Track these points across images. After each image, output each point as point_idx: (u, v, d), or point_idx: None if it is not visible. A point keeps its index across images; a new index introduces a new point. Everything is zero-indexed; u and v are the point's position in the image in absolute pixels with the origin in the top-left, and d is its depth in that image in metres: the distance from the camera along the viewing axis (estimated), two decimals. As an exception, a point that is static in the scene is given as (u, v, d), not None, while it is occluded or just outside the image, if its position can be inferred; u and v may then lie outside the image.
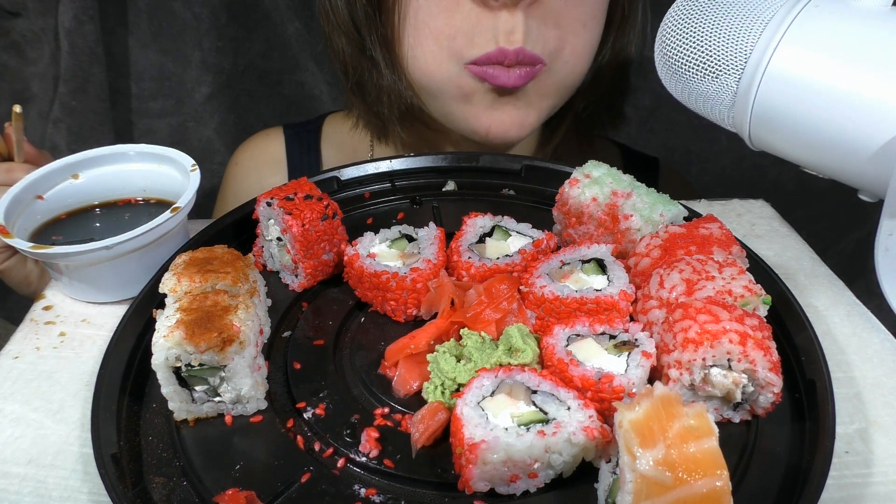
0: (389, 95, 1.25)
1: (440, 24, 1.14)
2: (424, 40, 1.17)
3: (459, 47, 1.14)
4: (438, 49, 1.16)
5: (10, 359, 0.91)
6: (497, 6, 1.10)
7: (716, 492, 0.59)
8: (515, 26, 1.11)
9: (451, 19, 1.13)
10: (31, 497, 0.74)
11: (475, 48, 1.13)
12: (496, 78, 1.15)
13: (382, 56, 1.22)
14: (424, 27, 1.15)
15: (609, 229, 0.94)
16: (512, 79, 1.15)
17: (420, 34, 1.17)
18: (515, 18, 1.11)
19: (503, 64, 1.14)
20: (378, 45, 1.21)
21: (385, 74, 1.23)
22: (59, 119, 1.80)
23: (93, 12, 1.75)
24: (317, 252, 0.94)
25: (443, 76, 1.19)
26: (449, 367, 0.79)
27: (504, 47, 1.12)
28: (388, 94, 1.25)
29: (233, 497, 0.69)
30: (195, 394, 0.77)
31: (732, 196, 1.25)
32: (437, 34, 1.15)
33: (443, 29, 1.14)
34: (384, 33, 1.20)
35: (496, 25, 1.11)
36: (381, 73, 1.23)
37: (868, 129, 0.75)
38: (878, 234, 0.76)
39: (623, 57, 1.33)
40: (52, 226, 1.03)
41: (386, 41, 1.21)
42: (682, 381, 0.74)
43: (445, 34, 1.14)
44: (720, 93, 0.86)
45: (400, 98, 1.25)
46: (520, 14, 1.11)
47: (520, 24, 1.11)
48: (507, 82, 1.15)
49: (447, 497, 0.71)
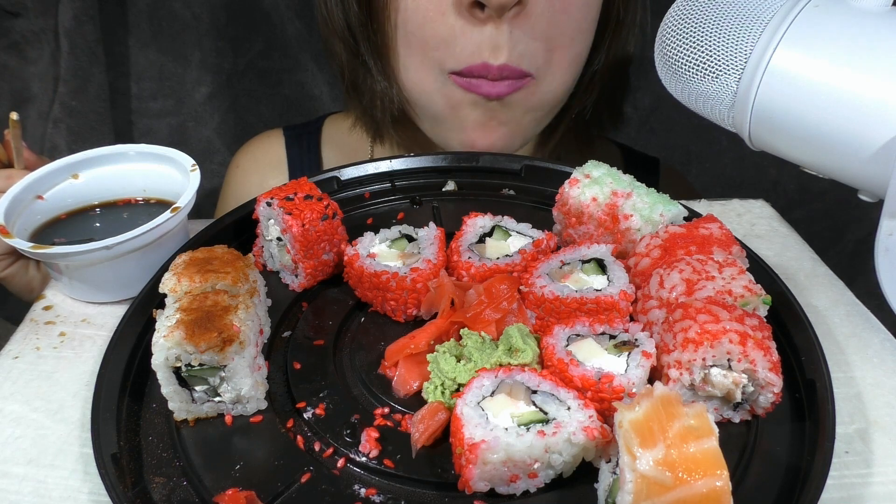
0: (382, 100, 1.26)
1: (426, 35, 1.14)
2: (412, 50, 1.17)
3: (443, 58, 1.14)
4: (424, 59, 1.17)
5: (10, 359, 0.91)
6: (483, 18, 1.09)
7: (716, 492, 0.59)
8: (500, 41, 1.10)
9: (436, 30, 1.13)
10: (31, 497, 0.74)
11: (459, 60, 1.13)
12: (480, 87, 1.15)
13: (374, 63, 1.23)
14: (412, 37, 1.16)
15: (609, 229, 0.94)
16: (496, 89, 1.15)
17: (408, 44, 1.17)
18: (501, 32, 1.10)
19: (487, 78, 1.14)
20: (370, 51, 1.22)
21: (378, 81, 1.24)
22: (59, 119, 1.80)
23: (93, 12, 1.75)
24: (317, 252, 0.94)
25: (429, 87, 1.19)
26: (449, 367, 0.79)
27: (488, 62, 1.12)
28: (381, 98, 1.26)
29: (233, 497, 0.69)
30: (195, 394, 0.77)
31: (732, 196, 1.25)
32: (422, 45, 1.15)
33: (428, 40, 1.14)
34: (375, 41, 1.20)
35: (481, 39, 1.11)
36: (375, 78, 1.24)
37: (868, 129, 0.75)
38: (878, 234, 0.76)
39: (621, 59, 1.33)
40: (52, 226, 1.03)
41: (377, 49, 1.21)
42: (682, 381, 0.74)
43: (431, 45, 1.14)
44: (720, 93, 0.86)
45: (392, 103, 1.26)
46: (505, 27, 1.10)
47: (505, 38, 1.10)
48: (492, 92, 1.15)
49: (447, 497, 0.71)
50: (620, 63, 1.34)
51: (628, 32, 1.30)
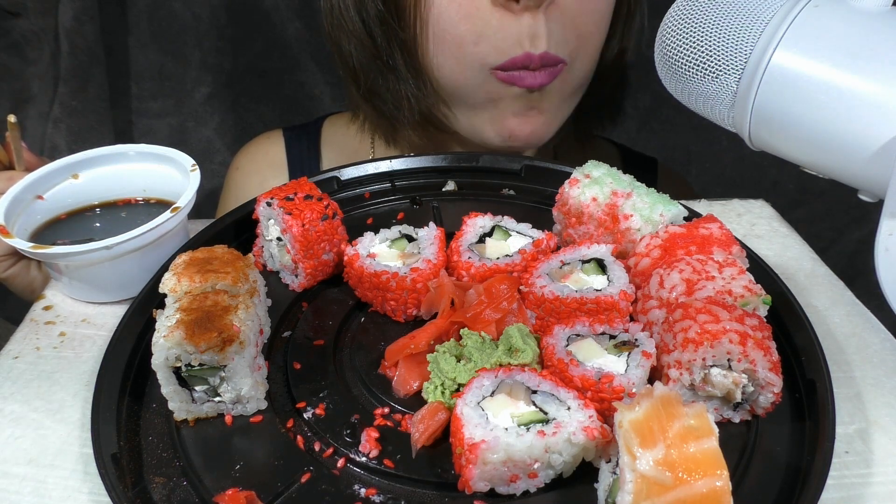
0: (409, 101, 1.24)
1: (462, 31, 1.13)
2: (447, 47, 1.16)
3: (484, 54, 1.14)
4: (462, 56, 1.16)
5: (10, 359, 0.91)
6: (519, 10, 1.10)
7: (716, 492, 0.59)
8: (538, 30, 1.11)
9: (473, 25, 1.12)
10: (31, 497, 0.74)
11: (501, 54, 1.13)
12: (523, 80, 1.15)
13: (404, 62, 1.21)
14: (446, 34, 1.15)
15: (609, 229, 0.94)
16: (538, 79, 1.15)
17: (442, 41, 1.16)
18: (538, 21, 1.11)
19: (529, 68, 1.14)
20: (398, 51, 1.20)
21: (407, 80, 1.22)
22: (59, 119, 1.80)
23: (93, 12, 1.75)
24: (317, 252, 0.94)
25: (469, 83, 1.19)
26: (449, 367, 0.79)
27: (530, 52, 1.12)
28: (408, 99, 1.24)
29: (233, 497, 0.69)
30: (195, 394, 0.77)
31: (732, 196, 1.25)
32: (459, 41, 1.14)
33: (465, 35, 1.13)
34: (404, 39, 1.19)
35: (520, 30, 1.11)
36: (402, 79, 1.22)
37: (868, 129, 0.75)
38: (878, 234, 0.76)
39: (626, 53, 1.33)
40: (52, 226, 1.03)
41: (406, 47, 1.19)
42: (682, 381, 0.74)
43: (469, 41, 1.14)
44: (720, 93, 0.86)
45: (420, 104, 1.24)
46: (541, 17, 1.11)
47: (542, 27, 1.11)
48: (534, 83, 1.15)
49: (447, 497, 0.71)
50: (622, 60, 1.34)
51: (637, 24, 1.31)
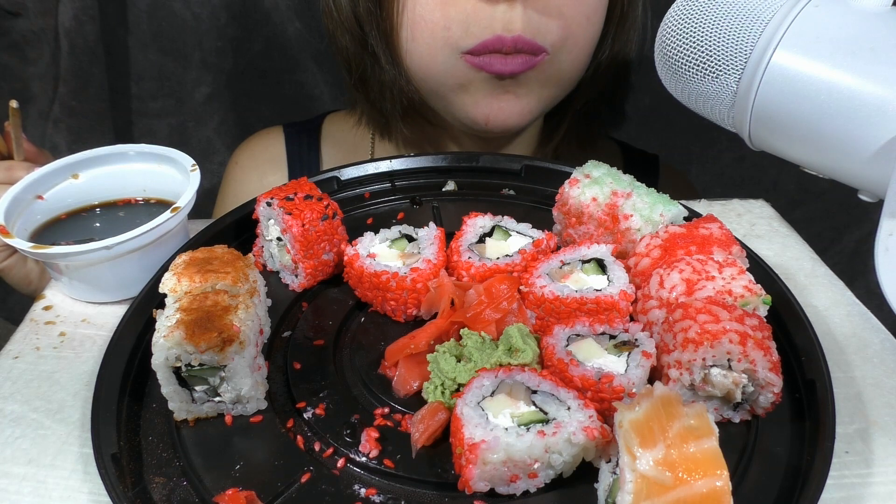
0: (391, 90, 1.25)
1: (436, 17, 1.13)
2: (420, 33, 1.16)
3: (455, 38, 1.13)
4: (433, 41, 1.15)
5: (10, 359, 0.91)
6: None
7: (716, 492, 0.59)
8: (514, 15, 1.10)
9: (447, 12, 1.12)
10: (31, 497, 0.74)
11: (471, 38, 1.12)
12: (492, 66, 1.14)
13: (383, 51, 1.21)
14: (421, 20, 1.15)
15: (609, 229, 0.94)
16: (509, 66, 1.14)
17: (417, 27, 1.16)
18: (514, 9, 1.10)
19: (501, 52, 1.12)
20: (378, 39, 1.20)
21: (386, 69, 1.23)
22: (59, 119, 1.80)
23: (93, 12, 1.75)
24: (317, 252, 0.94)
25: (438, 68, 1.18)
26: (449, 367, 0.79)
27: (502, 34, 1.11)
28: (390, 89, 1.25)
29: (233, 497, 0.69)
30: (195, 394, 0.77)
31: (732, 196, 1.25)
32: (432, 26, 1.14)
33: (438, 21, 1.13)
34: (384, 27, 1.19)
35: (493, 16, 1.11)
36: (383, 67, 1.23)
37: (868, 129, 0.75)
38: (878, 234, 0.76)
39: (623, 56, 1.33)
40: (52, 226, 1.03)
41: (385, 35, 1.20)
42: (682, 381, 0.74)
43: (441, 25, 1.13)
44: (720, 93, 0.86)
45: (401, 93, 1.24)
46: (518, 6, 1.09)
47: (518, 13, 1.10)
48: (504, 70, 1.14)
49: (447, 497, 0.71)
50: (622, 61, 1.34)
51: (631, 27, 1.30)
